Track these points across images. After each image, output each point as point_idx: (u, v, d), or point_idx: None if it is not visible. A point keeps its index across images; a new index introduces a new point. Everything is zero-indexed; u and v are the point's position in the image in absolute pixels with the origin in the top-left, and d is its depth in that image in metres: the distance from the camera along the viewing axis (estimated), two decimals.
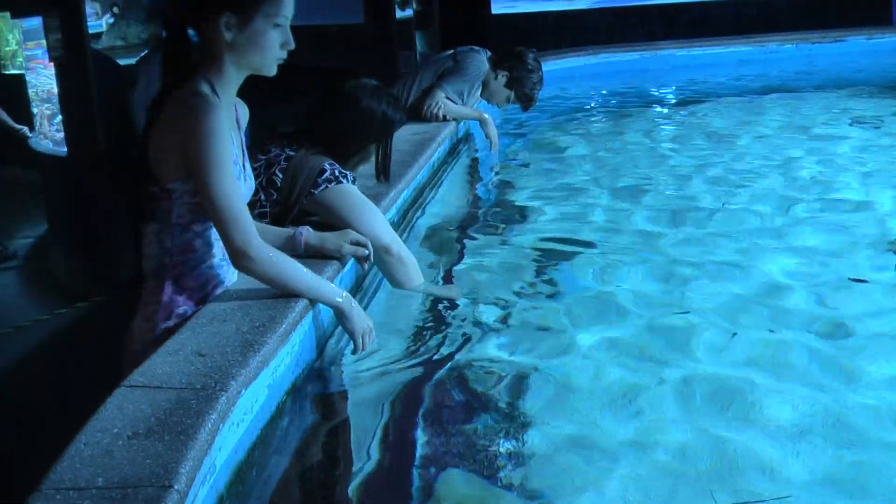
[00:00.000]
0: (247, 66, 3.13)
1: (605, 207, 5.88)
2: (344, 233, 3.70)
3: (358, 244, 3.60)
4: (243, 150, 3.25)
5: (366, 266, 3.69)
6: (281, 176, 3.90)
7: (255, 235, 3.03)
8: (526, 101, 7.21)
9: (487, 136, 7.28)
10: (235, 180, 3.02)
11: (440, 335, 3.91)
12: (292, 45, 3.13)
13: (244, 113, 3.31)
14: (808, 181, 6.33)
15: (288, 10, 3.10)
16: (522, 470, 2.93)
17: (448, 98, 7.06)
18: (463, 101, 7.20)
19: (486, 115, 7.30)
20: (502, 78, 7.13)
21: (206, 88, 3.03)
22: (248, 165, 3.29)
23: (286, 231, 3.60)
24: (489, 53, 7.26)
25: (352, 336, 3.36)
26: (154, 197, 3.13)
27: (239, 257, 3.02)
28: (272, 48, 3.09)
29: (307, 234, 3.56)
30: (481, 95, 7.37)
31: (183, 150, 2.98)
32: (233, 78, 3.14)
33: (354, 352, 3.36)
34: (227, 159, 2.97)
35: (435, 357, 3.71)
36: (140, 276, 3.25)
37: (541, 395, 3.41)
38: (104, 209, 6.04)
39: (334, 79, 4.22)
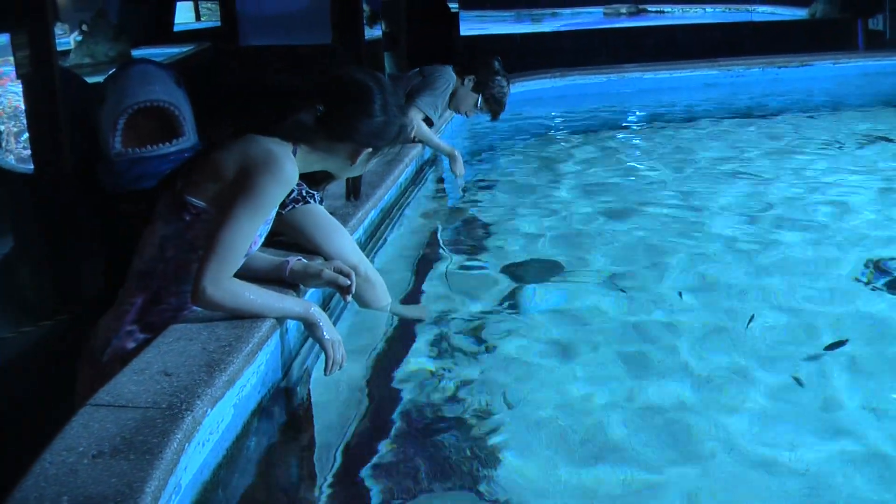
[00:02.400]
0: (336, 170, 3.50)
1: (573, 228, 5.91)
2: (330, 263, 3.69)
3: (340, 272, 3.54)
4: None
5: (348, 298, 3.56)
6: None
7: (228, 279, 3.08)
8: (495, 104, 7.13)
9: (453, 171, 7.22)
10: (254, 233, 3.14)
11: (407, 355, 3.92)
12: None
13: None
14: (778, 202, 6.38)
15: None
16: (490, 490, 2.94)
17: (424, 113, 7.01)
18: (438, 114, 7.16)
19: (457, 153, 7.24)
20: (469, 83, 7.09)
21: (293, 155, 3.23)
22: (266, 232, 3.37)
23: (276, 259, 3.58)
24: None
25: (321, 345, 3.33)
26: (182, 205, 3.17)
27: (201, 289, 3.05)
28: (363, 172, 3.59)
29: (293, 262, 3.55)
30: (449, 107, 7.31)
31: (238, 181, 3.10)
32: (311, 167, 3.42)
33: (326, 364, 3.33)
34: (264, 215, 3.14)
35: (402, 377, 3.72)
36: (106, 293, 3.26)
37: (509, 415, 3.43)
38: (70, 227, 6.01)
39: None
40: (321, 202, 4.04)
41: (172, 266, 3.22)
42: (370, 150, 3.40)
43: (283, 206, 3.89)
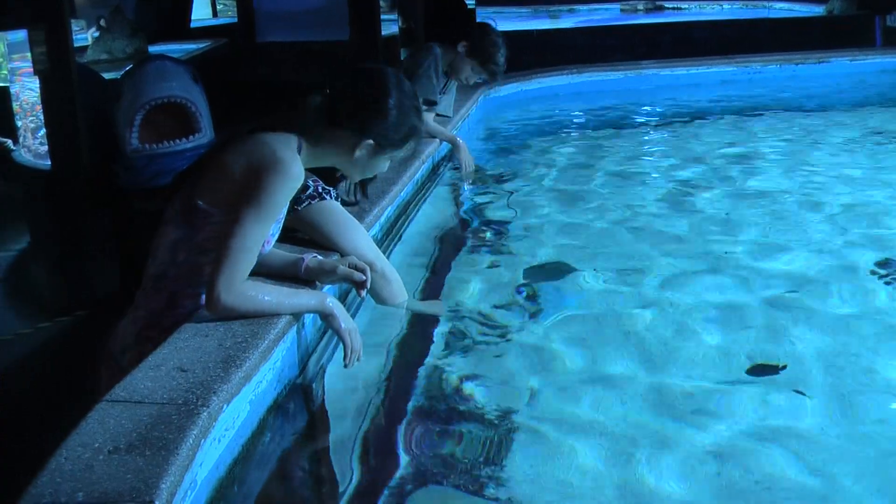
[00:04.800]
0: (345, 168, 3.48)
1: (591, 226, 5.88)
2: (345, 259, 3.69)
3: (355, 268, 3.54)
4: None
5: (363, 293, 3.58)
6: None
7: (241, 283, 3.08)
8: (489, 64, 7.02)
9: (459, 160, 7.19)
10: (264, 236, 3.14)
11: (423, 351, 3.92)
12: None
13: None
14: (795, 199, 6.35)
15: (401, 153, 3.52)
16: (505, 487, 2.94)
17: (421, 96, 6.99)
18: (438, 91, 7.13)
19: (460, 141, 7.18)
20: (462, 49, 7.06)
21: (297, 153, 3.22)
22: (278, 232, 3.38)
23: (291, 256, 3.58)
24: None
25: (339, 335, 3.33)
26: (191, 209, 3.16)
27: (215, 296, 3.04)
28: (373, 172, 3.53)
29: (309, 259, 3.55)
30: (450, 77, 7.27)
31: (245, 183, 3.09)
32: (318, 162, 3.42)
33: (345, 354, 3.33)
34: (273, 217, 3.13)
35: (418, 373, 3.72)
36: (122, 289, 3.27)
37: (524, 413, 3.42)
38: (86, 223, 6.03)
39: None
40: (337, 199, 4.03)
41: (185, 270, 3.21)
42: (371, 142, 3.37)
43: (298, 202, 3.90)
